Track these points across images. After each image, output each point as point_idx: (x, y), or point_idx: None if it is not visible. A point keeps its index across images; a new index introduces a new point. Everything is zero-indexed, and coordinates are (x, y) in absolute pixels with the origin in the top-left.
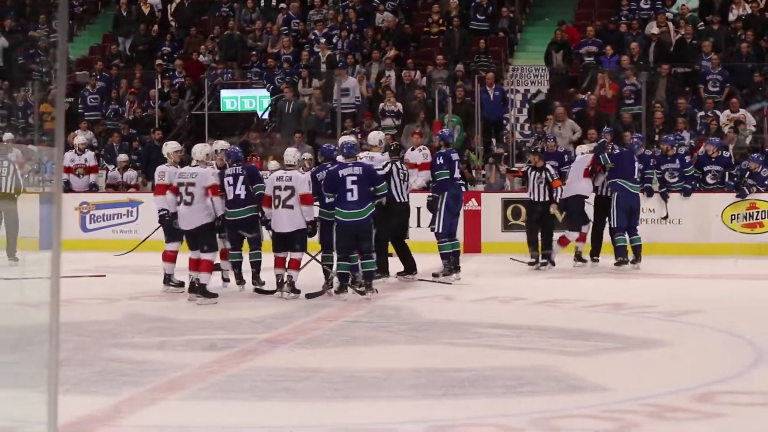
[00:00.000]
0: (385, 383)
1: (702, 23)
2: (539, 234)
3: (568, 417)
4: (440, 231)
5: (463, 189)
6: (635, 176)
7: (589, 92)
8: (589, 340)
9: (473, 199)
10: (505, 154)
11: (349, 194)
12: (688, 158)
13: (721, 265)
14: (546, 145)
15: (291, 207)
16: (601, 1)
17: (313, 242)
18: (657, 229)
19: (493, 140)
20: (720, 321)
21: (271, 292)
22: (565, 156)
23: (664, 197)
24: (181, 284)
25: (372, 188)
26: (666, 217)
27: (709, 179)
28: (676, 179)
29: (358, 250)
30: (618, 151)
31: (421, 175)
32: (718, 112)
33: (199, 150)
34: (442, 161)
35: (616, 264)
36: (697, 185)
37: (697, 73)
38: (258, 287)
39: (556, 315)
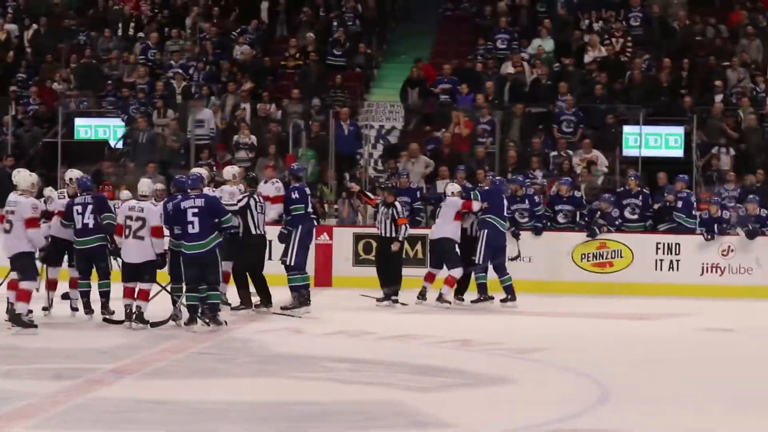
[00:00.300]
0: (229, 416)
1: (558, 64)
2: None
3: None
4: (292, 264)
5: (316, 223)
6: (504, 213)
7: (444, 130)
8: (437, 376)
9: (325, 233)
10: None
11: (189, 226)
12: (537, 198)
13: (570, 303)
14: (399, 182)
15: (141, 238)
16: (457, 40)
17: (163, 273)
18: (508, 267)
19: (347, 175)
20: (567, 359)
21: (120, 322)
22: (417, 192)
23: (515, 236)
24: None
25: (216, 220)
26: (518, 257)
27: (560, 218)
28: (526, 219)
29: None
30: (487, 188)
31: (274, 208)
32: (571, 153)
33: (23, 178)
34: (297, 195)
35: (473, 301)
36: (549, 224)
37: (551, 113)
38: (107, 317)
39: (404, 350)
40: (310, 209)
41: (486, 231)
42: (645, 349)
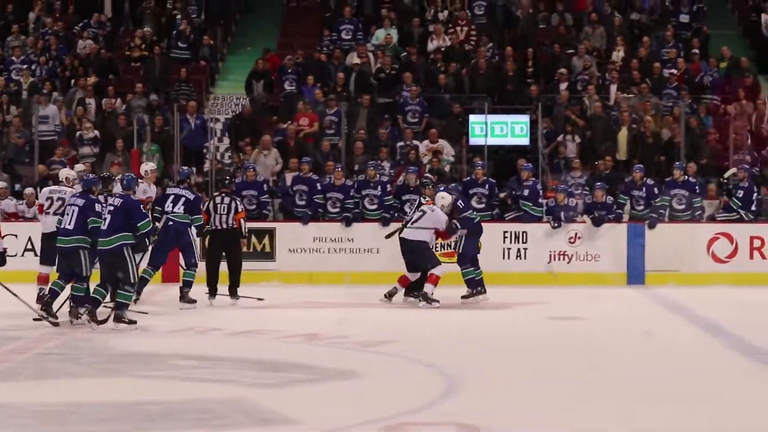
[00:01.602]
0: (71, 417)
1: (405, 53)
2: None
3: None
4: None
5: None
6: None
7: (290, 122)
8: (283, 372)
9: None
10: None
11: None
12: (389, 187)
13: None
14: (245, 175)
15: None
16: (303, 31)
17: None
18: (355, 258)
19: (194, 169)
20: (414, 350)
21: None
22: (264, 185)
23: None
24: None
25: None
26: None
27: (407, 208)
28: (375, 206)
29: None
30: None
31: None
32: (417, 142)
33: None
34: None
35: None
36: (396, 214)
37: (396, 103)
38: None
39: (251, 346)
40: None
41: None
42: (494, 339)
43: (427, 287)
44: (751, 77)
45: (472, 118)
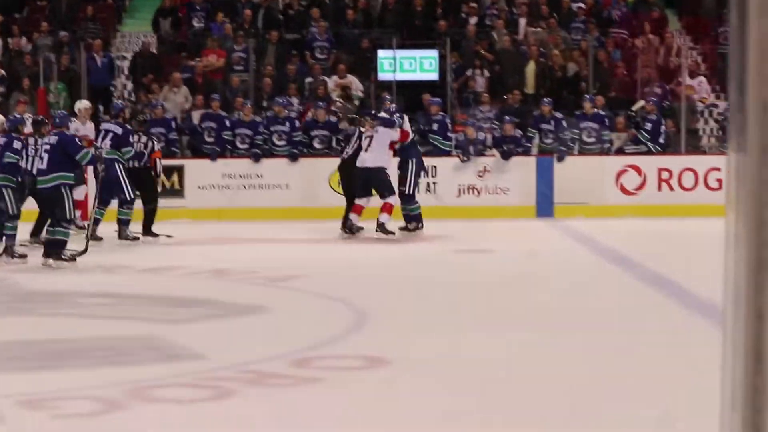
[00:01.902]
0: None
1: None
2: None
3: (164, 386)
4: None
5: None
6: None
7: (198, 59)
8: (191, 308)
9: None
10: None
11: (39, 162)
12: (297, 123)
13: (326, 229)
14: (154, 112)
15: None
16: None
17: None
18: (264, 194)
19: (101, 107)
20: (322, 285)
21: None
22: (172, 122)
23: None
24: None
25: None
26: None
27: (316, 144)
28: (283, 142)
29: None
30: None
31: None
32: (325, 78)
33: None
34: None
35: (402, 229)
36: (305, 150)
37: (304, 39)
38: None
39: (159, 283)
40: None
41: (414, 159)
42: (403, 273)
43: (384, 217)
44: (658, 11)
45: (381, 53)
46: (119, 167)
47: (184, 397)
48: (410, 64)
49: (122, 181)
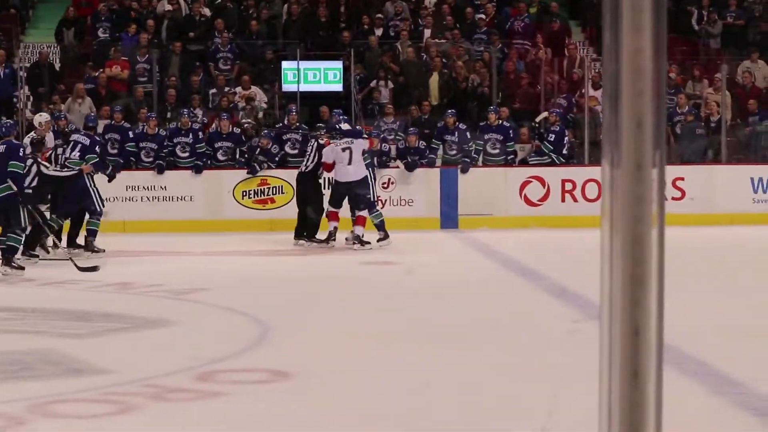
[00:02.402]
0: None
1: (218, 0)
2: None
3: (67, 401)
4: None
5: None
6: None
7: (101, 70)
8: (93, 322)
9: None
10: None
11: None
12: (201, 134)
13: (231, 241)
14: (57, 124)
15: None
16: None
17: None
18: (167, 206)
19: (3, 118)
20: (227, 298)
21: None
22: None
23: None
24: None
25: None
26: None
27: (220, 156)
28: (187, 154)
29: None
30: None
31: None
32: (230, 89)
33: None
34: None
35: (379, 240)
36: (209, 162)
37: (208, 50)
38: None
39: (61, 297)
40: None
41: (373, 168)
42: (308, 286)
43: (359, 229)
44: (558, 22)
45: (285, 64)
46: (88, 178)
47: (86, 413)
48: (314, 76)
49: (92, 191)
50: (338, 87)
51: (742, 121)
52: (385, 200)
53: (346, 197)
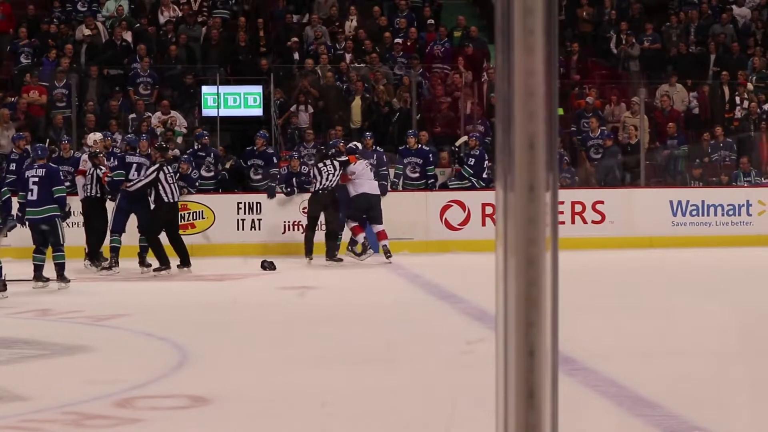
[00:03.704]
0: None
1: (138, 25)
2: None
3: None
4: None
5: None
6: None
7: (18, 96)
8: (11, 348)
9: None
10: None
11: (29, 194)
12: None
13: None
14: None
15: None
16: (33, 3)
17: None
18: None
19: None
20: (147, 324)
21: None
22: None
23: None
24: None
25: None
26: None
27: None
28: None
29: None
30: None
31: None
32: (149, 114)
33: None
34: None
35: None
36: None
37: (128, 75)
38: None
39: None
40: None
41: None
42: (227, 311)
43: (386, 242)
44: (472, 47)
45: (205, 89)
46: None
47: None
48: (234, 100)
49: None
50: (258, 111)
51: (661, 144)
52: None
53: (366, 211)
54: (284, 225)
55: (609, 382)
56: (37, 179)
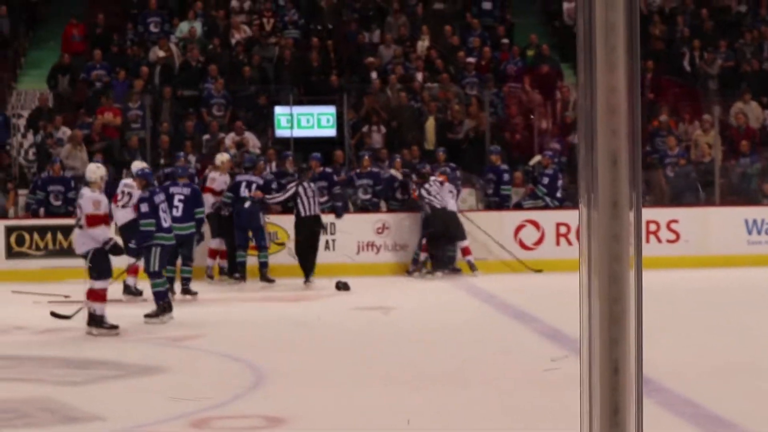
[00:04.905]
0: None
1: (210, 46)
2: None
3: None
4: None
5: None
6: None
7: (95, 117)
8: (89, 369)
9: None
10: None
11: (175, 210)
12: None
13: (223, 288)
14: (52, 168)
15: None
16: (107, 25)
17: None
18: None
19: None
20: (223, 344)
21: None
22: (72, 181)
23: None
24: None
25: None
26: None
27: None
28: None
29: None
30: None
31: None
32: (223, 135)
33: (90, 171)
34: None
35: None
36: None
37: (201, 96)
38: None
39: (56, 344)
40: None
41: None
42: (303, 331)
43: (470, 258)
44: (549, 66)
45: (278, 109)
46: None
47: None
48: (308, 121)
49: (264, 228)
50: (332, 132)
51: (734, 162)
52: (380, 245)
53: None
54: (358, 245)
55: (684, 401)
56: (183, 197)
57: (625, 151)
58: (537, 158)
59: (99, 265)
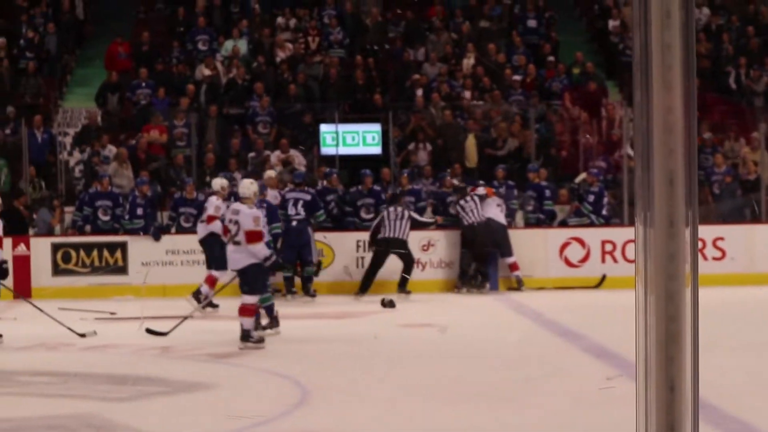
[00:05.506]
0: None
1: (256, 64)
2: None
3: None
4: None
5: None
6: None
7: (140, 135)
8: (134, 385)
9: (22, 244)
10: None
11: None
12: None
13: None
14: (100, 184)
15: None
16: (153, 43)
17: None
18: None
19: (42, 183)
20: (268, 361)
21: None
22: (119, 197)
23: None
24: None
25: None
26: None
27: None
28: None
29: None
30: None
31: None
32: (268, 152)
33: (244, 186)
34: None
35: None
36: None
37: (246, 114)
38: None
39: (103, 360)
40: None
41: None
42: (348, 348)
43: (517, 273)
44: (595, 83)
45: (323, 127)
46: (309, 231)
47: None
48: (353, 138)
49: (312, 244)
50: (377, 150)
51: None
52: (425, 262)
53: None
54: None
55: (732, 419)
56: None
57: (682, 170)
58: (582, 176)
59: (255, 280)
